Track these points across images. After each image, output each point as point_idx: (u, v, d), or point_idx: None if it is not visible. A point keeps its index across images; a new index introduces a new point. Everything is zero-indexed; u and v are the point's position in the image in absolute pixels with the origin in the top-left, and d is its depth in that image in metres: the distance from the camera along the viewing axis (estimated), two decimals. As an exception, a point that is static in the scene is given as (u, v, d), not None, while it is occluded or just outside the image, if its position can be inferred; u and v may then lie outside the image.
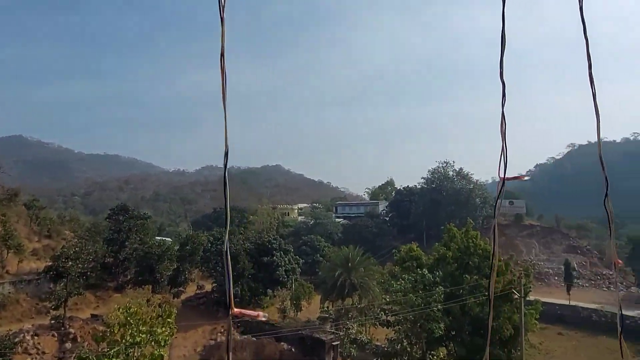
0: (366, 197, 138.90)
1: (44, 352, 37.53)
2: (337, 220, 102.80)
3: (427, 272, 29.57)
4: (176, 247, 58.40)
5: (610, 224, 2.04)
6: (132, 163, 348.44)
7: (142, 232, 57.11)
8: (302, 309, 51.29)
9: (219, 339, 44.22)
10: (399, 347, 29.45)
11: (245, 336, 44.57)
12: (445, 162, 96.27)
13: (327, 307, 48.57)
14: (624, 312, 50.26)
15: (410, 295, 27.65)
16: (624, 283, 69.49)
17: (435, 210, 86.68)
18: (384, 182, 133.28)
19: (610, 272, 72.77)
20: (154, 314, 19.87)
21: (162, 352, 18.79)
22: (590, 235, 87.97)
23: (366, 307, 41.12)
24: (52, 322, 40.59)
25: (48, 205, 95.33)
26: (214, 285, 54.58)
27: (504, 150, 1.56)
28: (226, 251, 1.68)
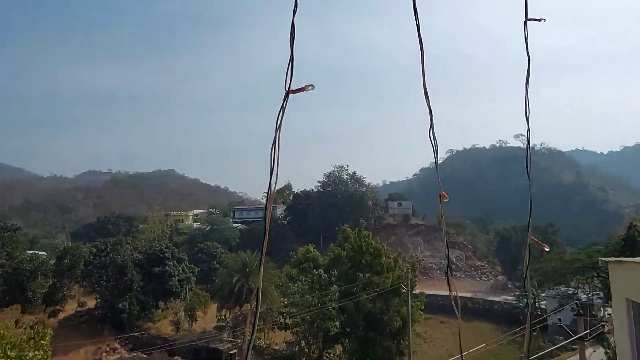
0: (264, 201, 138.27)
1: None
2: (235, 225, 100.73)
3: (323, 272, 30.39)
4: (52, 262, 52.12)
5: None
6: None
7: (9, 246, 49.97)
8: (198, 319, 49.22)
9: (103, 359, 40.36)
10: (296, 349, 29.78)
11: (135, 353, 41.39)
12: (340, 166, 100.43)
13: (225, 315, 47.19)
14: (492, 299, 57.08)
15: (307, 296, 28.15)
16: (492, 272, 79.00)
17: (332, 213, 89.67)
18: (281, 186, 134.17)
19: (482, 264, 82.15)
20: (25, 337, 17.54)
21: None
22: (466, 231, 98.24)
23: (264, 312, 40.83)
24: None
25: None
26: (98, 301, 49.73)
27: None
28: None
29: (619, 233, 35.57)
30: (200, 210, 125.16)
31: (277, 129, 1.57)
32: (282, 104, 1.56)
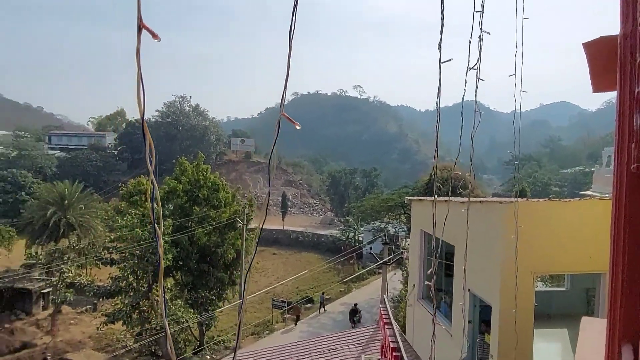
0: (91, 127, 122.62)
1: None
2: (52, 152, 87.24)
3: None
4: None
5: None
6: None
7: None
8: (0, 256, 42.52)
9: None
10: (123, 284, 28.38)
11: None
12: (181, 96, 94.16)
13: (36, 252, 41.64)
14: (320, 232, 62.94)
15: (137, 230, 26.62)
16: (323, 209, 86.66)
17: (171, 145, 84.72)
18: (113, 112, 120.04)
19: (314, 201, 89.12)
20: None
21: None
22: (303, 171, 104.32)
23: (86, 247, 37.40)
24: None
25: None
26: None
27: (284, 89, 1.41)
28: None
29: (423, 178, 42.35)
30: (3, 132, 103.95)
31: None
32: (276, 131, 1.35)
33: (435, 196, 3.20)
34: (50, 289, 35.27)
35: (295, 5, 1.31)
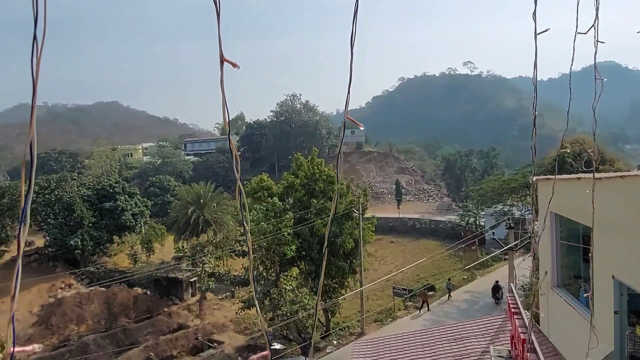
0: (217, 132, 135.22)
1: None
2: (187, 158, 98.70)
3: (277, 200, 30.97)
4: (-10, 202, 49.41)
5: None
6: None
7: None
8: (155, 251, 49.57)
9: (59, 295, 40.35)
10: (255, 273, 31.05)
11: (92, 288, 41.58)
12: (292, 94, 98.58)
13: (182, 247, 47.74)
14: (437, 218, 61.04)
15: (262, 223, 28.82)
16: (438, 194, 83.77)
17: (286, 142, 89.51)
18: (234, 117, 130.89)
19: (429, 187, 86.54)
20: None
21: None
22: (415, 157, 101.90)
23: (221, 241, 41.68)
24: None
25: None
26: (46, 239, 48.51)
27: (349, 85, 1.62)
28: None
29: (550, 154, 38.28)
30: (150, 144, 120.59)
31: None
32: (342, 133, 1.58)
33: (568, 175, 3.06)
34: (196, 278, 40.14)
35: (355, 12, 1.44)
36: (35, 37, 1.24)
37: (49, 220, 46.60)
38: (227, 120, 1.54)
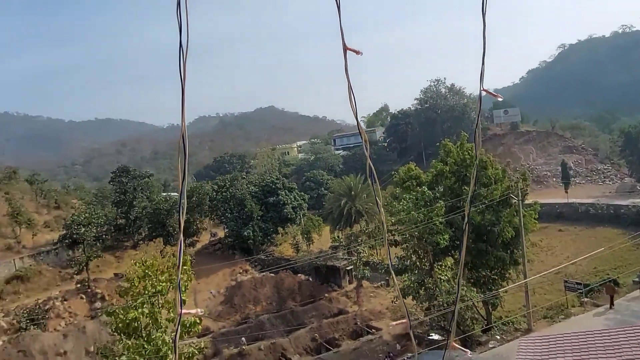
0: (363, 126, 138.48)
1: (75, 314, 39.94)
2: (337, 152, 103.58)
3: (426, 189, 30.59)
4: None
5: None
6: (124, 125, 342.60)
7: (147, 191, 58.31)
8: (314, 241, 53.58)
9: (239, 279, 46.81)
10: (408, 263, 31.26)
11: (264, 273, 47.15)
12: (436, 79, 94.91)
13: (338, 236, 50.72)
14: (618, 203, 52.34)
15: (413, 213, 28.84)
16: (618, 175, 71.46)
17: (432, 129, 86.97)
18: (378, 109, 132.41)
19: (605, 167, 74.47)
20: (170, 263, 20.69)
21: (183, 298, 19.94)
22: (584, 133, 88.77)
23: (374, 231, 42.96)
24: (78, 286, 42.87)
25: (50, 177, 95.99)
26: (226, 231, 56.58)
27: (483, 62, 1.71)
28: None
29: None
30: (303, 142, 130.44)
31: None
32: (478, 105, 1.77)
33: None
34: (352, 267, 42.27)
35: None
36: (180, 63, 1.62)
37: (227, 214, 54.26)
38: (354, 103, 1.69)
